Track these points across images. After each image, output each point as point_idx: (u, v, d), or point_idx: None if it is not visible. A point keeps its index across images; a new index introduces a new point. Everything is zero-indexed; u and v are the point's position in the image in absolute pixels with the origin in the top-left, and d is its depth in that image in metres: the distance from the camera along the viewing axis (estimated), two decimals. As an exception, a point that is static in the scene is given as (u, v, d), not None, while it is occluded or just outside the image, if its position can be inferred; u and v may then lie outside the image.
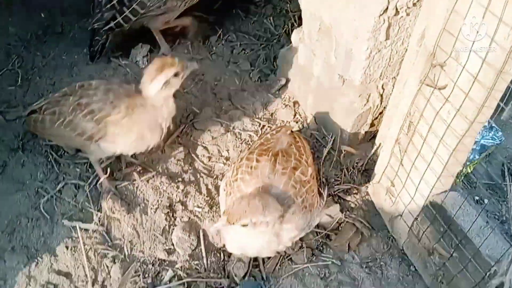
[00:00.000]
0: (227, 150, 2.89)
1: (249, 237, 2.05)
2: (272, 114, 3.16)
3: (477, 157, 3.22)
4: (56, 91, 2.89)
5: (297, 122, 3.14)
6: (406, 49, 2.61)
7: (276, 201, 2.02)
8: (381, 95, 2.83)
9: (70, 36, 3.39)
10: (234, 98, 3.19)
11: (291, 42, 3.59)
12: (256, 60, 3.59)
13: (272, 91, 3.29)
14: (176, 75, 2.35)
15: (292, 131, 2.54)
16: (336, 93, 2.85)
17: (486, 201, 3.14)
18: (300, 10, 3.85)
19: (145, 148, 2.48)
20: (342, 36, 2.59)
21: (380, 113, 2.95)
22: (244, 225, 1.93)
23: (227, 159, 2.85)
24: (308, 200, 2.24)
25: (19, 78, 3.03)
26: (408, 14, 2.42)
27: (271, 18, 3.89)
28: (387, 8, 2.31)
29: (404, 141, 2.43)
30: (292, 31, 3.76)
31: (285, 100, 3.24)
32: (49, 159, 2.60)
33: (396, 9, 2.34)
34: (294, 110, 3.19)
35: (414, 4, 2.36)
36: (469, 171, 3.18)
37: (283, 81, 3.29)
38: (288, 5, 4.00)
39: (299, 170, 2.25)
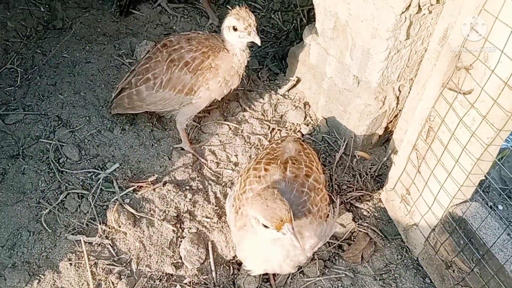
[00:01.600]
0: (236, 155, 2.77)
1: (275, 245, 1.89)
2: (281, 116, 3.04)
3: (489, 161, 3.10)
4: (57, 92, 2.80)
5: (307, 125, 3.01)
6: (426, 49, 2.49)
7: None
8: (398, 98, 2.71)
9: (71, 32, 3.24)
10: (242, 99, 3.07)
11: (300, 39, 3.47)
12: (265, 58, 3.46)
13: (282, 92, 3.16)
14: (235, 29, 2.42)
15: (298, 138, 2.41)
16: (350, 95, 2.73)
17: (500, 207, 3.03)
18: (309, 5, 3.75)
19: (228, 91, 2.63)
20: (359, 34, 2.46)
21: (395, 116, 2.83)
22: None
23: (236, 164, 2.74)
24: (323, 209, 2.12)
25: (19, 78, 2.89)
26: (430, 12, 2.30)
27: (279, 13, 3.77)
28: (409, 5, 2.18)
29: (422, 147, 2.33)
30: (301, 27, 3.66)
31: (295, 101, 3.12)
32: (50, 167, 2.48)
33: (419, 6, 2.22)
34: (305, 112, 3.06)
35: (437, 1, 2.23)
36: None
37: (293, 81, 3.16)
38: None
39: (311, 177, 2.13)
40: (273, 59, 3.46)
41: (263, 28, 3.66)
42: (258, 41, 2.43)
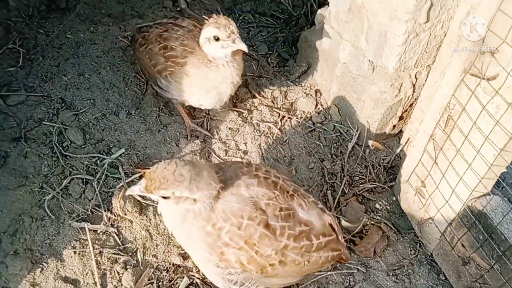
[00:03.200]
0: (245, 143, 2.68)
1: (176, 217, 1.70)
2: (292, 103, 2.94)
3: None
4: (61, 73, 2.70)
5: (318, 113, 2.92)
6: (445, 34, 2.39)
7: (214, 176, 1.67)
8: (414, 85, 2.61)
9: (75, 12, 3.11)
10: (252, 85, 2.96)
11: (310, 25, 3.36)
12: (274, 43, 3.35)
13: (292, 78, 3.06)
14: (217, 39, 2.23)
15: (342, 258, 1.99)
16: (365, 82, 2.63)
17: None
18: (320, -10, 3.63)
19: (196, 104, 2.50)
20: (376, 17, 2.35)
21: (411, 105, 2.73)
22: (165, 198, 1.59)
23: (245, 152, 2.65)
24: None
25: (20, 58, 2.77)
26: (451, -7, 2.19)
27: (289, -3, 3.64)
28: (430, -16, 2.08)
29: (441, 137, 2.24)
30: (311, 12, 3.53)
31: (306, 88, 3.01)
32: (54, 150, 2.38)
33: (441, -14, 2.11)
34: (316, 99, 2.96)
35: (459, -18, 2.13)
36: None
37: (304, 67, 3.06)
38: (307, -17, 3.74)
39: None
40: (283, 44, 3.35)
41: (272, 13, 3.55)
42: (244, 48, 2.24)
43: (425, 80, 2.59)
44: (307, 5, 3.60)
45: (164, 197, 1.59)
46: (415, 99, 2.69)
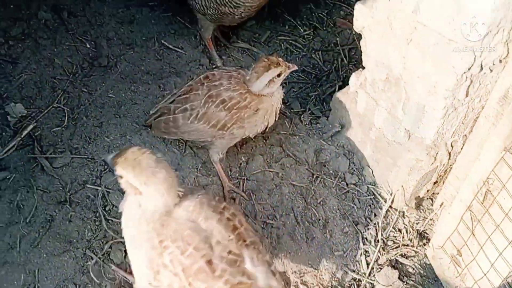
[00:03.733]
0: (279, 205, 2.71)
1: (134, 216, 1.75)
2: (325, 163, 2.97)
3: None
4: (104, 134, 2.80)
5: (352, 174, 2.94)
6: (483, 107, 2.41)
7: (174, 186, 1.74)
8: (450, 153, 2.62)
9: (116, 71, 3.24)
10: (285, 144, 3.01)
11: (342, 81, 3.43)
12: (306, 99, 3.42)
13: (325, 137, 3.10)
14: (279, 75, 2.51)
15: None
16: (400, 148, 2.65)
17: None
18: (349, 44, 3.73)
19: (264, 128, 2.68)
20: (414, 90, 2.39)
21: (445, 170, 2.74)
22: (120, 176, 1.68)
23: (280, 214, 2.68)
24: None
25: (66, 118, 2.89)
26: (491, 71, 2.22)
27: (320, 52, 3.73)
28: (472, 65, 2.11)
29: (478, 209, 2.23)
30: (341, 67, 3.61)
31: (338, 148, 3.05)
32: (97, 214, 2.45)
33: (481, 66, 2.14)
34: (349, 160, 2.99)
35: (500, 61, 2.16)
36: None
37: (337, 128, 3.09)
38: (337, 38, 3.84)
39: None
40: (315, 102, 3.41)
41: (304, 69, 3.63)
42: (296, 67, 2.59)
43: (461, 148, 2.61)
44: (337, 60, 3.69)
45: (120, 176, 1.69)
46: (450, 165, 2.70)
